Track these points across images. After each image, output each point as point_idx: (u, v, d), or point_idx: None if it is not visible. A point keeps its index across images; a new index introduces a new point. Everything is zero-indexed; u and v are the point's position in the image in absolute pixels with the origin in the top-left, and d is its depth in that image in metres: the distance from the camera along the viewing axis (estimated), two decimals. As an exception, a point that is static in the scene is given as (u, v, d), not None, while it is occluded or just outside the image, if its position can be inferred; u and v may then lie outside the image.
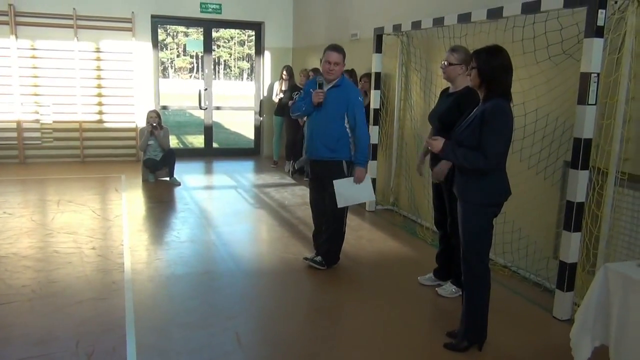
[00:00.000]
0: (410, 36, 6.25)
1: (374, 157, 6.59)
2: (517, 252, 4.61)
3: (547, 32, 4.14)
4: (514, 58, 4.48)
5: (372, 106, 6.46)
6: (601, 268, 2.81)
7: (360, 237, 5.62)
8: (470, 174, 3.12)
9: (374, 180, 6.62)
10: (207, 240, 5.40)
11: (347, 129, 4.44)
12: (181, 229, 5.77)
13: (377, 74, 6.45)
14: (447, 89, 4.16)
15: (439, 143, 3.16)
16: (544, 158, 4.30)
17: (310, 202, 4.85)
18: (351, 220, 6.06)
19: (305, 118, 4.78)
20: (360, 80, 7.08)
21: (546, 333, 3.63)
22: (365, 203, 6.64)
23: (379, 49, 6.39)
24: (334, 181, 4.41)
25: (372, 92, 6.47)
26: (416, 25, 5.56)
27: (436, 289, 4.25)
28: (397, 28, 5.97)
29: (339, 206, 4.43)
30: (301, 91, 8.54)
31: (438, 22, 5.19)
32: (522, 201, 4.56)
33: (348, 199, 4.46)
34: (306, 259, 4.74)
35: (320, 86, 4.44)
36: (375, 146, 6.56)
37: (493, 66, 3.04)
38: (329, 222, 4.60)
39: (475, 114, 3.11)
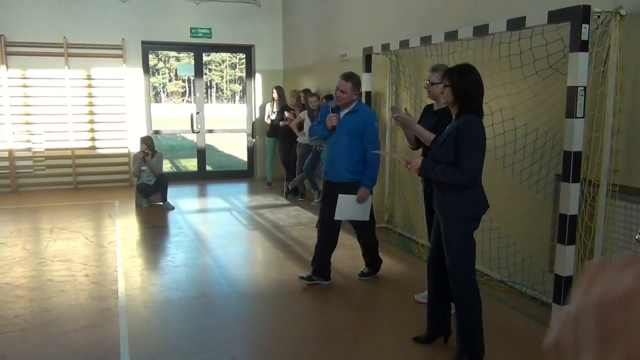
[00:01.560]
0: (398, 55, 6.32)
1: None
2: (513, 267, 4.60)
3: (532, 47, 4.19)
4: (501, 74, 4.58)
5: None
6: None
7: (356, 256, 5.59)
8: (449, 189, 3.19)
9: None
10: (202, 264, 5.37)
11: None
12: (175, 253, 5.74)
13: (367, 93, 6.49)
14: (432, 105, 4.22)
15: (417, 162, 3.24)
16: (535, 172, 4.32)
17: (320, 220, 4.82)
18: (346, 239, 6.05)
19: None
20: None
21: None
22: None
23: (368, 68, 6.46)
24: (339, 195, 4.52)
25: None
26: (404, 44, 5.63)
27: None
28: (385, 47, 6.04)
29: (335, 218, 4.57)
30: (292, 111, 8.64)
31: (425, 40, 5.25)
32: (516, 215, 4.58)
33: (345, 214, 4.58)
34: (362, 275, 4.96)
35: (334, 111, 4.59)
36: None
37: (465, 84, 3.12)
38: (363, 234, 4.87)
39: (449, 130, 3.19)
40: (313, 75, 9.17)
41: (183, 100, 53.57)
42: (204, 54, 10.93)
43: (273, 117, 9.26)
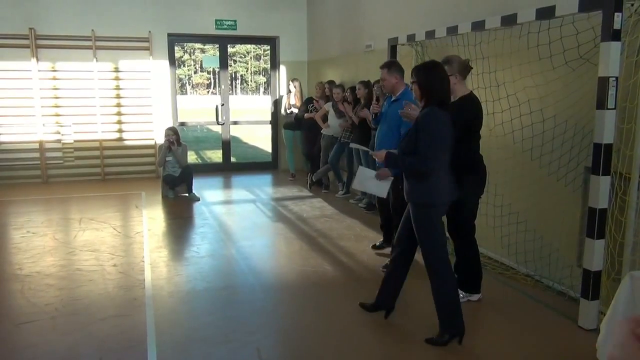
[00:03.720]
0: (424, 46, 6.24)
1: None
2: (540, 260, 4.53)
3: (562, 37, 4.09)
4: (529, 65, 4.49)
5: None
6: (626, 276, 2.75)
7: (379, 249, 5.58)
8: (413, 178, 3.43)
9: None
10: (227, 255, 5.42)
11: None
12: (200, 244, 5.80)
13: (392, 85, 6.42)
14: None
15: (381, 154, 3.55)
16: (564, 164, 4.23)
17: (377, 201, 5.49)
18: (368, 232, 6.04)
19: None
20: (372, 87, 7.07)
21: (572, 343, 3.55)
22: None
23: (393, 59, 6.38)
24: (360, 167, 4.79)
25: (388, 102, 6.45)
26: (430, 34, 5.55)
27: None
28: (411, 38, 5.97)
29: (352, 187, 5.07)
30: (317, 102, 8.63)
31: (452, 30, 5.17)
32: (543, 208, 4.50)
33: (362, 186, 4.71)
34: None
35: (377, 100, 5.13)
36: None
37: (430, 79, 3.36)
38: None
39: (414, 123, 3.47)
40: (338, 67, 9.13)
41: (208, 92, 53.94)
42: (228, 46, 10.95)
43: (293, 110, 9.27)
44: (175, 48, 10.44)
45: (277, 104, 10.78)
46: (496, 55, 4.86)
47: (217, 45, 10.73)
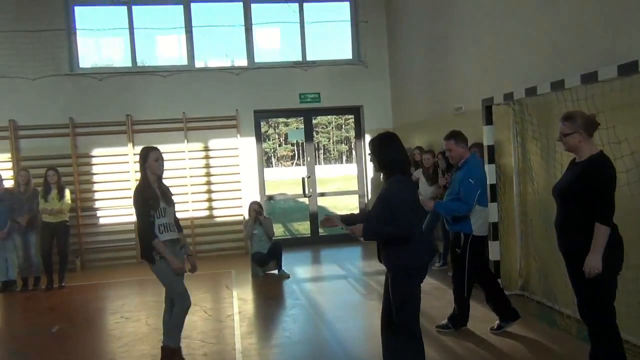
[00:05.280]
0: (523, 104, 5.78)
1: (495, 237, 5.96)
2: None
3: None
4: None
5: (487, 182, 5.93)
6: None
7: (485, 322, 4.96)
8: (391, 244, 3.50)
9: (497, 262, 5.96)
10: (320, 340, 5.03)
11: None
12: (292, 327, 5.45)
13: (490, 147, 5.97)
14: (575, 158, 3.67)
15: (359, 228, 3.49)
16: None
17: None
18: (475, 309, 5.43)
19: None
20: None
21: None
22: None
23: (489, 120, 5.96)
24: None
25: (487, 167, 5.94)
26: (531, 91, 5.11)
27: None
28: (508, 97, 5.54)
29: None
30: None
31: (557, 85, 4.71)
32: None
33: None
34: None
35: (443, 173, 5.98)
36: (495, 225, 5.96)
37: (386, 151, 3.54)
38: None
39: (380, 193, 3.59)
40: (425, 132, 8.81)
41: (292, 162, 55.23)
42: (312, 118, 11.00)
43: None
44: (261, 123, 10.60)
45: (367, 171, 10.54)
46: (613, 109, 4.32)
47: (302, 118, 10.80)
